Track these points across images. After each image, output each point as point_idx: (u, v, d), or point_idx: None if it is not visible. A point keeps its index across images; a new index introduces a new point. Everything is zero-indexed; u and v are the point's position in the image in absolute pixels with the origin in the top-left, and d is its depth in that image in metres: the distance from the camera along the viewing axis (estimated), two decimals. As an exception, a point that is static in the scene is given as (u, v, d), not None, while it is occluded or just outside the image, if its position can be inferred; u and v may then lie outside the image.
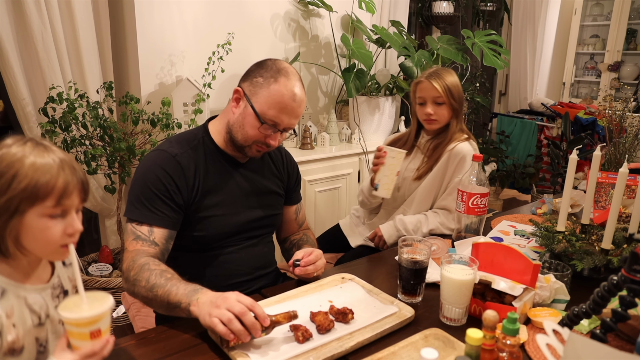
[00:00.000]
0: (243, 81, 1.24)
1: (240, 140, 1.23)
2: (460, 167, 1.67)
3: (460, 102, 1.71)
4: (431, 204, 1.75)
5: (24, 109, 2.13)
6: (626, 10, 4.48)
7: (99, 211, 2.46)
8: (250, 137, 1.22)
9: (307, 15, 2.89)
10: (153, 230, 1.15)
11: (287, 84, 1.18)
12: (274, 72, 1.19)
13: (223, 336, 0.92)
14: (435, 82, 1.68)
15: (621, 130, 1.88)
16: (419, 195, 1.74)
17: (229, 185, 1.27)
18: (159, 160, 1.19)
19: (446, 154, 1.70)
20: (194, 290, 1.01)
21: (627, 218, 1.37)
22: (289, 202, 1.45)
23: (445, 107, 1.70)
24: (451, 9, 3.57)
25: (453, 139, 1.72)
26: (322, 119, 2.99)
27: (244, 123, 1.21)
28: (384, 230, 1.69)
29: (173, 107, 2.28)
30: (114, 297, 0.79)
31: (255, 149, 1.24)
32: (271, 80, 1.18)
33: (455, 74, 1.74)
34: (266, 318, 0.94)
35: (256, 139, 1.22)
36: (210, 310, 0.94)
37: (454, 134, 1.72)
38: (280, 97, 1.18)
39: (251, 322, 0.92)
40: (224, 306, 0.93)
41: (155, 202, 1.15)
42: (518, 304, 1.02)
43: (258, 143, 1.23)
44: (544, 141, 4.10)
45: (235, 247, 1.30)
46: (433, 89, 1.68)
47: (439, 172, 1.71)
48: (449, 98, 1.68)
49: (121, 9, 2.34)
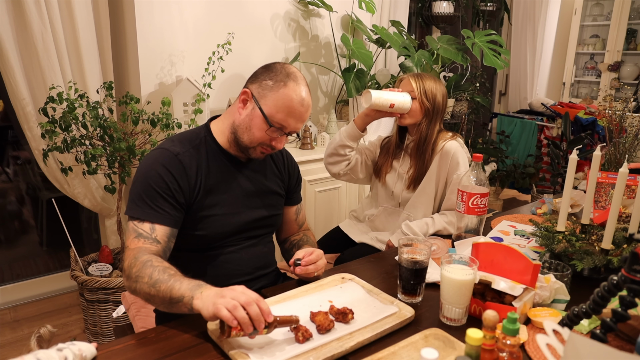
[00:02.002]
0: (251, 83, 1.24)
1: (245, 141, 1.24)
2: (454, 163, 1.70)
3: (434, 105, 1.73)
4: (436, 206, 1.77)
5: (24, 109, 2.14)
6: (626, 10, 4.48)
7: (99, 211, 2.46)
8: (257, 139, 1.22)
9: (307, 15, 2.89)
10: (155, 227, 1.15)
11: (296, 89, 1.20)
12: (283, 76, 1.20)
13: (226, 321, 0.90)
14: (413, 79, 1.74)
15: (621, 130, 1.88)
16: (420, 200, 1.77)
17: (231, 185, 1.28)
18: (160, 158, 1.19)
19: (437, 156, 1.73)
20: (198, 285, 1.01)
21: (627, 218, 1.37)
22: (289, 202, 1.45)
23: (416, 104, 1.72)
24: (451, 9, 3.57)
25: (439, 139, 1.74)
26: (322, 119, 2.99)
27: (251, 125, 1.22)
28: (395, 241, 1.71)
29: (173, 107, 2.28)
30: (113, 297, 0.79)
31: (259, 150, 1.25)
32: (281, 84, 1.19)
33: (440, 83, 1.77)
34: (270, 314, 0.94)
35: (262, 141, 1.23)
36: (215, 300, 0.94)
37: (437, 136, 1.75)
38: (289, 101, 1.19)
39: (256, 313, 0.92)
40: (229, 296, 0.93)
41: (157, 200, 1.16)
42: (518, 304, 1.02)
43: (263, 145, 1.24)
44: (544, 141, 4.10)
45: (236, 247, 1.30)
46: (408, 84, 1.74)
47: (433, 174, 1.74)
48: (421, 95, 1.72)
49: (121, 9, 2.34)
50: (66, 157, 2.20)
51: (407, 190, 1.79)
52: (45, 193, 2.74)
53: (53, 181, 2.30)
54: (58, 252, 2.82)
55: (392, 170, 1.84)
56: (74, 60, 2.22)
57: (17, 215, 2.77)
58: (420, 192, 1.76)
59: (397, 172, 1.83)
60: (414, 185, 1.77)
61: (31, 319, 2.45)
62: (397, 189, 1.82)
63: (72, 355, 0.84)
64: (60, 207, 2.18)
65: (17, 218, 2.78)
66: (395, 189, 1.82)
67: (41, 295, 2.66)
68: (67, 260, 2.71)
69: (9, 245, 2.74)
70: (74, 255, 2.26)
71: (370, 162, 1.90)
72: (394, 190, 1.83)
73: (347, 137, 1.79)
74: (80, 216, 2.84)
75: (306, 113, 1.23)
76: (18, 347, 2.23)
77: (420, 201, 1.76)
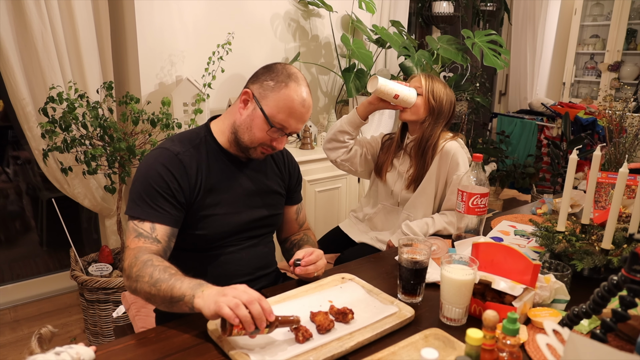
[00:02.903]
0: (252, 83, 1.24)
1: (246, 141, 1.24)
2: (454, 164, 1.70)
3: (440, 106, 1.74)
4: (436, 206, 1.77)
5: (24, 109, 2.14)
6: (626, 10, 4.48)
7: (99, 211, 2.46)
8: (258, 139, 1.22)
9: (307, 15, 2.89)
10: (155, 227, 1.14)
11: (297, 90, 1.20)
12: (284, 76, 1.20)
13: (228, 319, 0.90)
14: (424, 78, 1.76)
15: (621, 130, 1.88)
16: (420, 200, 1.77)
17: (231, 184, 1.28)
18: (161, 158, 1.19)
19: (437, 156, 1.73)
20: (199, 284, 1.01)
21: (627, 218, 1.37)
22: (289, 202, 1.45)
23: (421, 100, 1.73)
24: (451, 9, 3.57)
25: (440, 138, 1.75)
26: (322, 119, 2.99)
27: (252, 125, 1.22)
28: (395, 241, 1.71)
29: (173, 107, 2.28)
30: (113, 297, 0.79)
31: (260, 150, 1.25)
32: (282, 84, 1.20)
33: (448, 87, 1.78)
34: (272, 313, 0.94)
35: (262, 141, 1.23)
36: (217, 298, 0.93)
37: (435, 134, 1.75)
38: (290, 101, 1.19)
39: (258, 312, 0.92)
40: (231, 294, 0.93)
41: (158, 199, 1.15)
42: (518, 304, 1.02)
43: (264, 145, 1.24)
44: (544, 141, 4.10)
45: (236, 247, 1.30)
46: (418, 81, 1.76)
47: (433, 175, 1.74)
48: (428, 93, 1.73)
49: (121, 9, 2.34)
50: (66, 157, 2.20)
51: (406, 190, 1.79)
52: (45, 193, 2.74)
53: (53, 181, 2.30)
54: (58, 252, 2.81)
55: (393, 168, 1.84)
56: (74, 60, 2.21)
57: (17, 215, 2.77)
58: (420, 192, 1.76)
59: (397, 171, 1.83)
60: (413, 186, 1.77)
61: (31, 319, 2.45)
62: (397, 187, 1.82)
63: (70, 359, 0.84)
64: (60, 207, 2.18)
65: (17, 218, 2.78)
66: (395, 187, 1.83)
67: (41, 295, 2.65)
68: (67, 260, 2.71)
69: (9, 245, 2.74)
70: (74, 255, 2.26)
71: (370, 157, 1.90)
72: (394, 189, 1.83)
73: (348, 123, 1.80)
74: (80, 216, 2.84)
75: (307, 114, 1.23)
76: (18, 347, 2.23)
77: (419, 201, 1.77)
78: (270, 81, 1.21)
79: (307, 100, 1.22)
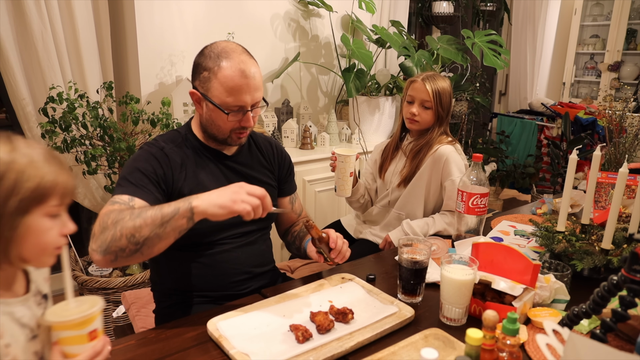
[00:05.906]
0: (194, 81, 1.24)
1: (217, 134, 1.25)
2: (446, 168, 1.70)
3: (447, 109, 1.75)
4: (424, 207, 1.78)
5: (24, 109, 2.14)
6: (626, 10, 4.48)
7: (99, 211, 2.46)
8: (225, 128, 1.23)
9: (307, 15, 2.90)
10: (134, 199, 1.12)
11: (231, 66, 1.17)
12: (214, 59, 1.18)
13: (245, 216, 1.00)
14: (428, 85, 1.71)
15: (621, 130, 1.88)
16: (408, 199, 1.79)
17: (218, 178, 1.28)
18: (147, 149, 1.22)
19: (429, 158, 1.73)
20: (188, 196, 1.02)
21: (627, 218, 1.37)
22: (282, 193, 1.45)
23: (430, 112, 1.74)
24: (451, 9, 3.57)
25: (436, 142, 1.75)
26: (322, 119, 2.99)
27: (213, 119, 1.22)
28: (393, 237, 1.72)
29: (173, 107, 2.28)
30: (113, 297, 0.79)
31: (235, 136, 1.25)
32: (215, 69, 1.17)
33: (449, 82, 1.77)
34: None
35: (231, 128, 1.23)
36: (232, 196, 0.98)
37: (436, 138, 1.76)
38: (230, 80, 1.16)
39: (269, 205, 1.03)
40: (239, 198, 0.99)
41: (142, 179, 1.15)
42: (518, 304, 1.02)
43: (234, 130, 1.24)
44: (544, 141, 4.10)
45: (231, 246, 1.29)
46: (424, 92, 1.72)
47: (424, 175, 1.74)
48: (436, 104, 1.72)
49: (121, 9, 2.34)
50: (66, 157, 2.20)
51: (397, 188, 1.80)
52: (45, 193, 2.74)
53: (53, 181, 2.30)
54: (58, 252, 2.81)
55: (391, 166, 1.86)
56: (74, 60, 2.22)
57: (17, 215, 2.77)
58: (409, 191, 1.78)
59: (394, 170, 1.85)
60: (404, 184, 1.78)
61: (31, 319, 2.45)
62: (391, 186, 1.85)
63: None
64: (60, 207, 2.18)
65: (17, 218, 2.77)
66: (390, 185, 1.86)
67: (41, 295, 2.65)
68: (67, 260, 2.71)
69: (9, 245, 2.74)
70: (73, 255, 2.26)
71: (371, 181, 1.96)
72: (389, 188, 1.86)
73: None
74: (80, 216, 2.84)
75: (254, 81, 1.19)
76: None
77: (408, 201, 1.78)
78: (205, 72, 1.19)
79: (246, 70, 1.17)
